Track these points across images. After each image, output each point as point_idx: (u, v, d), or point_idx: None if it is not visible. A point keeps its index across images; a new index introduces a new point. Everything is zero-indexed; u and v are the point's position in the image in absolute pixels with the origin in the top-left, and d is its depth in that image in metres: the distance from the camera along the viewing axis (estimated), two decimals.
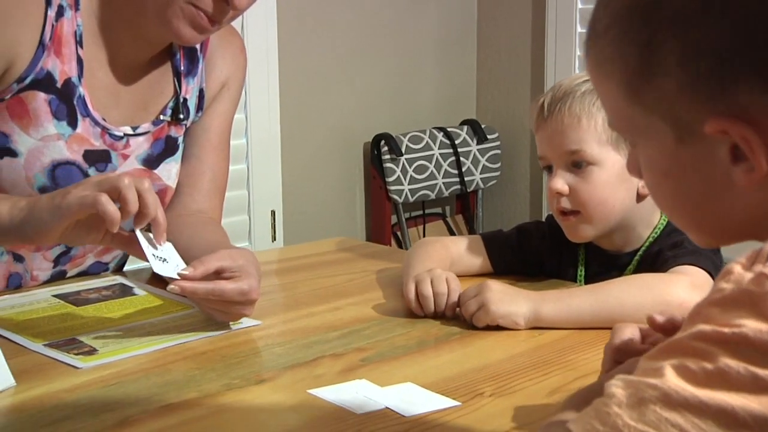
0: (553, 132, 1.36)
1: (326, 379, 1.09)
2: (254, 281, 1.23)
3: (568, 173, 1.36)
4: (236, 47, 1.59)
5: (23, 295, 1.43)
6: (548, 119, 1.36)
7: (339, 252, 1.77)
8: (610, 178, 1.34)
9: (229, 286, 1.21)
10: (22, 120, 1.36)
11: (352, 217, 3.46)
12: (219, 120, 1.57)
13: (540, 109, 1.37)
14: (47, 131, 1.37)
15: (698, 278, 1.25)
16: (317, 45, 3.25)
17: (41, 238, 1.21)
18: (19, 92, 1.35)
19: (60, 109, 1.38)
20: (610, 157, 1.34)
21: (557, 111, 1.35)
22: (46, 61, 1.36)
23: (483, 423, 0.97)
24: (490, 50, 3.71)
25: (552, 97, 1.36)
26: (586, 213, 1.36)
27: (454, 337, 1.25)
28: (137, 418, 0.98)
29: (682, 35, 0.64)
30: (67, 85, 1.38)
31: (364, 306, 1.39)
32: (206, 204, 1.55)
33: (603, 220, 1.36)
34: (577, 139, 1.34)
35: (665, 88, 0.65)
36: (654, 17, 0.65)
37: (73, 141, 1.39)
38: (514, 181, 3.69)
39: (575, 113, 1.34)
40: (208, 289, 1.20)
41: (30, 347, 1.19)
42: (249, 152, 3.04)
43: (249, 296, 1.22)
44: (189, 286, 1.19)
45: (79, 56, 1.39)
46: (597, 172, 1.34)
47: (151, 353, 1.18)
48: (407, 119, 3.52)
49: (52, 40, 1.36)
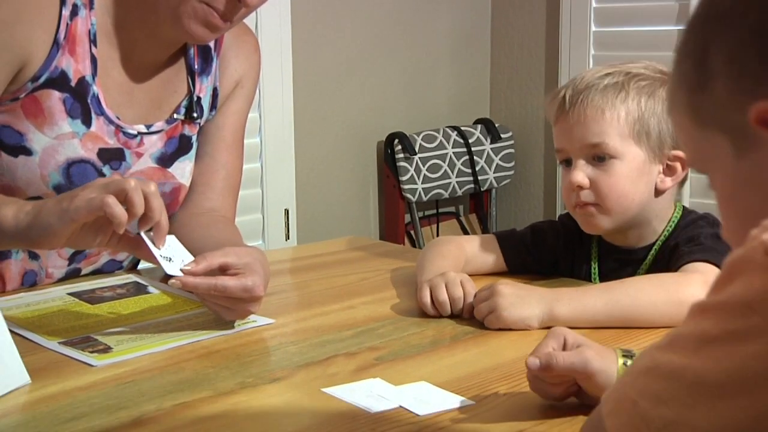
0: (575, 124, 1.35)
1: (340, 377, 1.09)
2: (258, 278, 1.22)
3: (588, 166, 1.35)
4: (250, 46, 1.59)
5: (38, 293, 1.43)
6: (569, 111, 1.35)
7: (352, 251, 1.77)
8: (631, 172, 1.34)
9: (231, 282, 1.20)
10: (37, 119, 1.37)
11: (365, 216, 3.46)
12: (233, 119, 1.57)
13: (561, 101, 1.36)
14: (62, 130, 1.37)
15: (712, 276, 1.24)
16: (331, 44, 3.25)
17: (48, 242, 1.20)
18: (34, 91, 1.36)
19: (74, 107, 1.38)
20: (632, 150, 1.33)
21: (579, 103, 1.34)
22: (61, 60, 1.36)
23: (497, 422, 0.96)
24: (504, 49, 3.70)
25: (573, 89, 1.35)
26: (606, 206, 1.35)
27: (467, 336, 1.25)
28: (151, 416, 0.98)
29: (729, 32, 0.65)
30: (81, 83, 1.38)
31: (378, 305, 1.38)
32: (220, 202, 1.55)
33: (621, 213, 1.36)
34: (600, 131, 1.33)
35: (717, 91, 0.66)
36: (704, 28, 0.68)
37: (88, 139, 1.40)
38: (528, 180, 3.69)
39: (598, 105, 1.33)
40: (210, 284, 1.19)
41: (45, 345, 1.20)
42: (263, 151, 3.04)
43: (253, 293, 1.21)
44: (191, 281, 1.19)
45: (93, 55, 1.39)
46: (618, 166, 1.34)
47: (166, 351, 1.18)
48: (421, 118, 3.52)
49: (67, 38, 1.36)
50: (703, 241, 1.31)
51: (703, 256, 1.27)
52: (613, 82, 1.33)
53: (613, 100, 1.33)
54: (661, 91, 1.33)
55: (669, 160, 1.35)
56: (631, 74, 1.35)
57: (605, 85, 1.33)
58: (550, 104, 1.40)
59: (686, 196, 2.74)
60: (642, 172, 1.34)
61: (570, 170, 1.37)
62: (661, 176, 1.36)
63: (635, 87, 1.33)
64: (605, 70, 1.36)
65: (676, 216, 1.39)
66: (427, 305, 1.30)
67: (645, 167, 1.34)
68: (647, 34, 3.21)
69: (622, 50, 3.27)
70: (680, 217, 1.39)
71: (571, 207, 1.40)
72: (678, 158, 1.35)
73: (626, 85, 1.33)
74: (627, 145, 1.33)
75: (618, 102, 1.32)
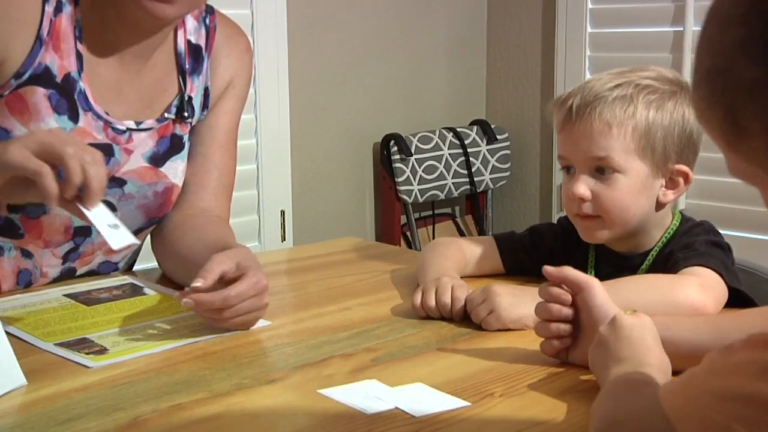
0: (581, 136, 1.34)
1: (336, 379, 1.09)
2: (257, 270, 1.23)
3: (591, 178, 1.34)
4: (242, 46, 1.59)
5: (34, 294, 1.43)
6: (576, 122, 1.34)
7: (348, 252, 1.77)
8: (634, 186, 1.33)
9: (242, 285, 1.21)
10: (23, 115, 1.37)
11: (361, 218, 3.46)
12: (225, 119, 1.57)
13: (568, 110, 1.35)
14: (48, 125, 1.37)
15: (708, 279, 1.25)
16: (327, 45, 3.25)
17: None
18: (18, 88, 1.36)
19: (60, 103, 1.38)
20: (636, 165, 1.33)
21: (587, 115, 1.32)
22: (44, 56, 1.36)
23: (493, 423, 0.96)
24: (500, 51, 3.70)
25: (582, 99, 1.34)
26: (608, 218, 1.35)
27: (464, 337, 1.25)
28: (147, 418, 0.98)
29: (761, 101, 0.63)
30: (66, 80, 1.38)
31: (374, 306, 1.39)
32: (213, 203, 1.55)
33: (622, 225, 1.36)
34: (606, 146, 1.32)
35: (756, 146, 0.64)
36: (730, 83, 0.64)
37: (75, 135, 1.40)
38: (524, 181, 3.69)
39: (606, 120, 1.32)
40: (224, 296, 1.20)
41: (41, 346, 1.20)
42: (259, 152, 3.04)
43: (261, 284, 1.23)
44: (205, 299, 1.19)
45: (78, 51, 1.39)
46: (621, 180, 1.33)
47: (162, 353, 1.18)
48: (417, 119, 3.52)
49: (50, 35, 1.36)
50: (697, 247, 1.31)
51: (698, 261, 1.28)
52: (622, 95, 1.32)
53: (621, 114, 1.31)
54: (670, 104, 1.33)
55: (672, 174, 1.35)
56: (641, 86, 1.33)
57: (614, 98, 1.32)
58: (557, 110, 1.38)
59: (682, 197, 2.74)
60: (645, 186, 1.33)
61: (572, 179, 1.36)
62: (663, 190, 1.35)
63: (644, 101, 1.32)
64: (615, 80, 1.34)
65: (675, 224, 1.39)
66: (417, 309, 1.32)
67: (648, 181, 1.34)
68: (643, 35, 3.21)
69: (617, 51, 3.28)
70: (679, 224, 1.39)
71: (571, 215, 1.40)
72: (681, 173, 1.35)
73: (635, 99, 1.32)
74: (631, 160, 1.32)
75: (626, 117, 1.31)
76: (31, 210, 1.42)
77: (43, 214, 1.43)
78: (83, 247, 1.50)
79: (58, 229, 1.45)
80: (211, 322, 1.25)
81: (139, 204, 1.49)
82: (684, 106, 1.33)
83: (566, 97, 1.37)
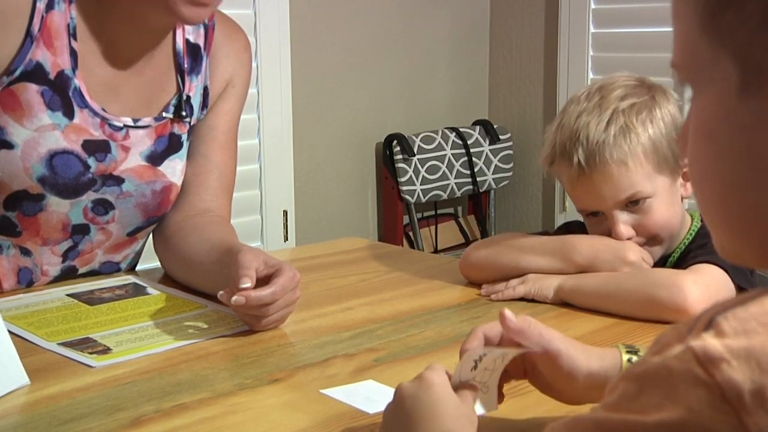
0: (602, 184, 1.34)
1: (339, 379, 1.09)
2: (288, 265, 1.25)
3: (626, 214, 1.36)
4: (240, 45, 1.59)
5: (37, 294, 1.43)
6: (591, 174, 1.34)
7: (351, 252, 1.77)
8: (665, 201, 1.36)
9: (283, 278, 1.22)
10: (16, 112, 1.37)
11: (364, 218, 3.46)
12: (225, 118, 1.57)
13: (578, 166, 1.35)
14: (41, 122, 1.37)
15: (707, 275, 1.26)
16: (329, 45, 3.25)
17: None
18: (10, 85, 1.36)
19: (54, 100, 1.38)
20: (659, 182, 1.35)
21: (599, 164, 1.33)
22: (36, 53, 1.36)
23: (496, 423, 0.96)
24: (503, 51, 3.71)
25: (585, 150, 1.34)
26: (658, 239, 1.38)
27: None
28: (150, 418, 0.98)
29: None
30: (60, 77, 1.38)
31: (377, 306, 1.39)
32: (214, 203, 1.55)
33: (671, 237, 1.40)
34: (631, 183, 1.34)
35: (746, 13, 0.56)
36: None
37: (71, 131, 1.40)
38: (527, 181, 3.69)
39: (619, 160, 1.33)
40: (270, 292, 1.21)
41: (44, 346, 1.20)
42: (261, 152, 3.04)
43: (297, 277, 1.25)
44: (255, 295, 1.20)
45: (72, 48, 1.39)
46: (654, 203, 1.36)
47: (164, 353, 1.18)
48: (419, 119, 3.53)
49: (42, 31, 1.36)
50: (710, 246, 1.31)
51: (706, 258, 1.29)
52: (619, 128, 1.33)
53: (629, 147, 1.33)
54: (657, 111, 1.35)
55: (683, 169, 1.38)
56: (626, 109, 1.34)
57: (614, 136, 1.33)
58: (561, 168, 1.38)
59: None
60: (672, 194, 1.37)
61: (602, 221, 1.38)
62: (682, 184, 1.40)
63: (638, 122, 1.33)
64: (602, 117, 1.34)
65: (695, 226, 1.41)
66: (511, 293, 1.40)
67: (672, 188, 1.38)
68: (646, 35, 3.21)
69: (620, 51, 3.28)
70: (700, 225, 1.40)
71: None
72: None
73: (630, 126, 1.33)
74: (654, 180, 1.35)
75: (633, 146, 1.33)
76: (28, 207, 1.42)
77: (40, 211, 1.43)
78: (82, 245, 1.50)
79: (56, 226, 1.45)
80: (251, 323, 1.25)
81: (137, 202, 1.49)
82: (665, 105, 1.36)
83: (564, 153, 1.36)
